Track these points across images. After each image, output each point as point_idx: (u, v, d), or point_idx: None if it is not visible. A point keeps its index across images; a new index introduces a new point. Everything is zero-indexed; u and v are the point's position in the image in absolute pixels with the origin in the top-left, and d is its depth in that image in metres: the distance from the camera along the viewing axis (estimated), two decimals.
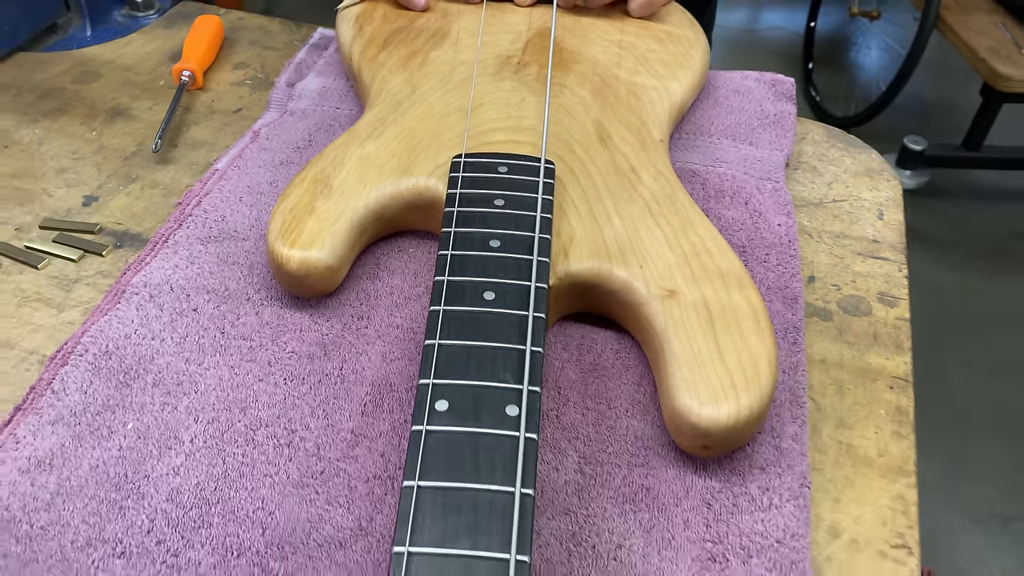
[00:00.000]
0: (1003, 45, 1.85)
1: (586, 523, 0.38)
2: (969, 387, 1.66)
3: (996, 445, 1.55)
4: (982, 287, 1.87)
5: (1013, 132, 2.07)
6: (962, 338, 1.74)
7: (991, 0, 1.98)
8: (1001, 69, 1.79)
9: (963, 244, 1.98)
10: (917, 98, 2.37)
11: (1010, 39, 1.87)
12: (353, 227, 0.48)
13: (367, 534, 0.37)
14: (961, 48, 1.90)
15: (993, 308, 1.82)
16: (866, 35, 2.56)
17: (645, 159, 0.52)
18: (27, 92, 0.66)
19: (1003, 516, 1.46)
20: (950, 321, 1.77)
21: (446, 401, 0.36)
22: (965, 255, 1.95)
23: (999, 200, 2.12)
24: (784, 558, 0.37)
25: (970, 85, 1.96)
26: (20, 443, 0.40)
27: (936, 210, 2.06)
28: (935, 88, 2.47)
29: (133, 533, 0.37)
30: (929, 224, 2.01)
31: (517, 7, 0.67)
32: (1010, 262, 1.95)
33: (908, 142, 1.95)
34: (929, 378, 1.63)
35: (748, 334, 0.42)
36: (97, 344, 0.45)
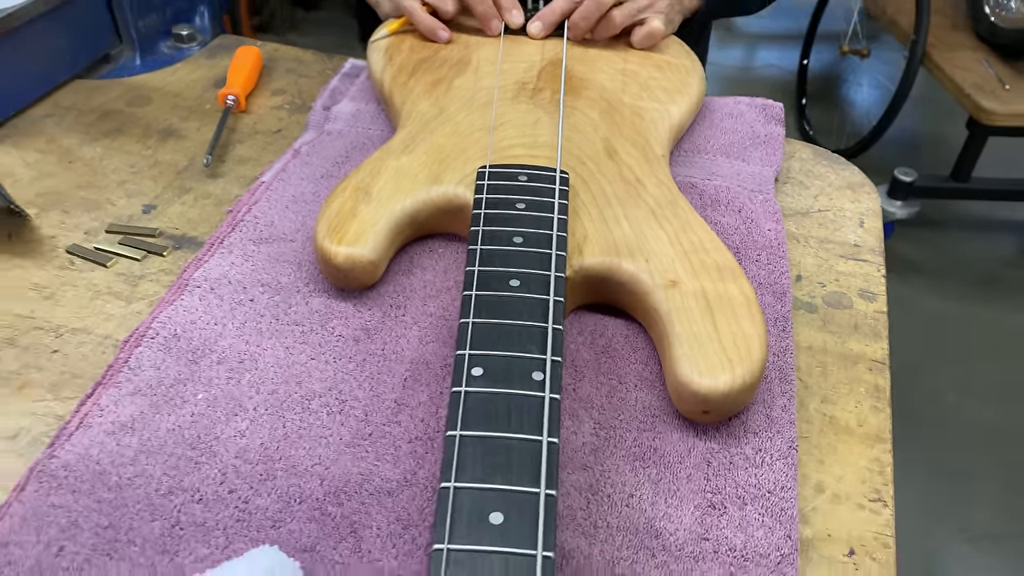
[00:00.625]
0: (987, 81, 1.93)
1: (602, 476, 0.44)
2: (962, 410, 1.71)
3: (989, 466, 1.60)
4: (974, 314, 1.93)
5: (1000, 164, 2.15)
6: (955, 363, 1.79)
7: (975, 38, 2.07)
8: (985, 104, 1.87)
9: (954, 273, 2.04)
10: (907, 132, 2.45)
11: (994, 75, 1.95)
12: (390, 228, 0.54)
13: (412, 485, 0.43)
14: (947, 84, 1.98)
15: (985, 334, 1.88)
16: (857, 72, 2.66)
17: (648, 171, 0.59)
18: (87, 114, 0.72)
19: (995, 535, 1.50)
20: (943, 347, 1.82)
21: (481, 368, 0.42)
22: (956, 283, 2.01)
23: (988, 230, 2.19)
24: (775, 506, 0.42)
25: (957, 120, 2.04)
26: (104, 411, 0.46)
27: (927, 240, 2.12)
28: (924, 123, 2.55)
29: (208, 484, 0.43)
30: (920, 253, 2.08)
31: (531, 39, 0.74)
32: (1000, 290, 2.01)
33: (898, 174, 2.02)
34: (924, 401, 1.68)
35: (741, 318, 0.48)
36: (166, 328, 0.50)
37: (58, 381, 0.49)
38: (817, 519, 0.44)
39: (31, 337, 0.52)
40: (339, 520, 0.41)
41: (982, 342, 1.86)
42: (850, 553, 0.42)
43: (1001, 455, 1.62)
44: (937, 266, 2.05)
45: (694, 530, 0.41)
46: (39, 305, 0.54)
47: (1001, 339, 1.86)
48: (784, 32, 2.96)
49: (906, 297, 2.07)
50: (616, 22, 0.72)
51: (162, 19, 0.82)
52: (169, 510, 0.41)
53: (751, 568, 0.40)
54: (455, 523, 0.35)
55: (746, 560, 0.40)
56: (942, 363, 1.78)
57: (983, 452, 1.62)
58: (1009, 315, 1.92)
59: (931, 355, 1.80)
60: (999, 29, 2.00)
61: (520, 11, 0.74)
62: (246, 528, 0.41)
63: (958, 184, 2.06)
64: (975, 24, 2.08)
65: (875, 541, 0.43)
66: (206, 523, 0.41)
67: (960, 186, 2.06)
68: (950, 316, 1.92)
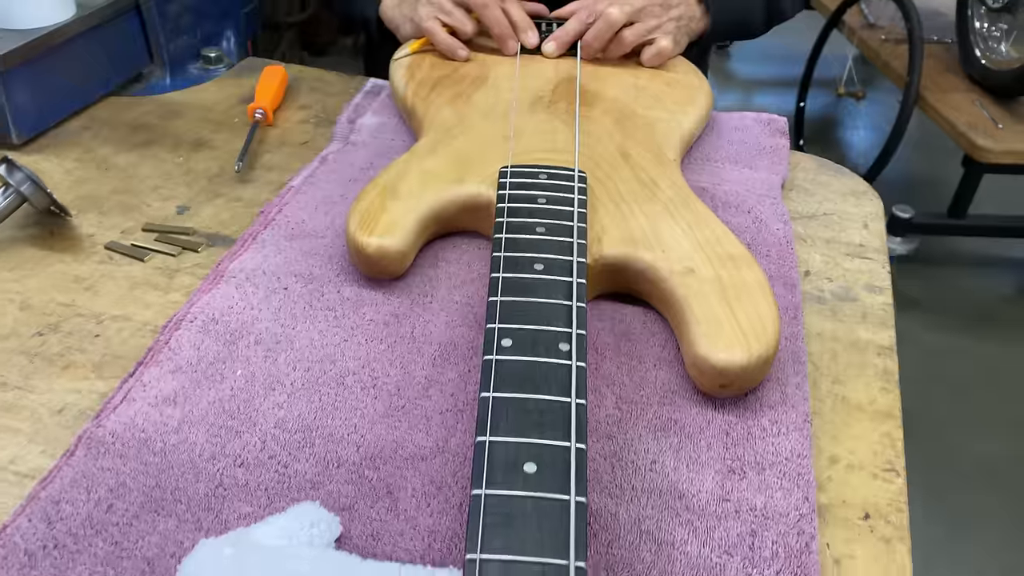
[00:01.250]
0: (981, 120, 1.99)
1: (625, 444, 0.46)
2: (963, 443, 1.72)
3: (991, 498, 1.60)
4: (972, 349, 1.95)
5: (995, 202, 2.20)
6: (955, 397, 1.81)
7: (967, 80, 2.13)
8: (980, 142, 1.92)
9: (953, 308, 2.07)
10: (903, 173, 2.50)
11: (987, 116, 2.00)
12: (417, 223, 0.57)
13: (444, 451, 0.45)
14: (942, 124, 2.03)
15: (984, 369, 1.90)
16: (853, 115, 2.72)
17: (662, 172, 0.62)
18: (121, 127, 0.76)
19: (1001, 566, 1.50)
20: (943, 381, 1.84)
21: (510, 339, 0.44)
22: (955, 318, 2.04)
23: (985, 266, 2.22)
24: (792, 471, 0.44)
25: (952, 161, 2.08)
26: (146, 387, 0.48)
27: (926, 276, 2.16)
28: (920, 164, 2.60)
29: (249, 450, 0.44)
30: (919, 289, 2.11)
31: (546, 59, 0.78)
32: (998, 326, 2.04)
33: (896, 210, 2.06)
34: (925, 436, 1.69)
35: (756, 301, 0.50)
36: (204, 313, 0.53)
37: (100, 362, 0.51)
38: (832, 487, 0.45)
39: (73, 323, 0.54)
40: (375, 482, 0.43)
41: (981, 375, 1.88)
42: (865, 517, 0.44)
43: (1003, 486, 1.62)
44: (936, 302, 2.08)
45: (715, 492, 0.43)
46: (80, 295, 0.56)
47: (1001, 374, 1.88)
48: (780, 78, 3.04)
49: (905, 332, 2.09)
50: (627, 41, 0.76)
51: (192, 42, 0.86)
52: (212, 473, 0.43)
53: (771, 526, 0.41)
54: (491, 472, 0.37)
55: (767, 519, 0.42)
56: (942, 396, 1.80)
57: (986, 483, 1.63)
58: (1008, 350, 1.94)
59: (932, 389, 1.81)
60: (990, 72, 2.06)
61: (535, 32, 0.78)
62: (286, 489, 0.43)
63: (955, 221, 2.10)
64: (967, 67, 2.14)
65: (889, 507, 0.44)
66: (248, 484, 0.43)
67: (957, 222, 2.10)
68: (950, 351, 1.94)
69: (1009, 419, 1.76)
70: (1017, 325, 2.02)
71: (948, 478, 1.62)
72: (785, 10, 0.92)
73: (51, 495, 0.42)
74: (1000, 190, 2.15)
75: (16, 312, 0.55)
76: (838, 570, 0.41)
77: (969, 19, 2.15)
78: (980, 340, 1.98)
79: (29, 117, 0.72)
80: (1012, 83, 2.01)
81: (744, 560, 0.40)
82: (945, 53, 2.26)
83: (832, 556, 0.42)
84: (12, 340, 0.53)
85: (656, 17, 0.78)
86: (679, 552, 0.40)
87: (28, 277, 0.58)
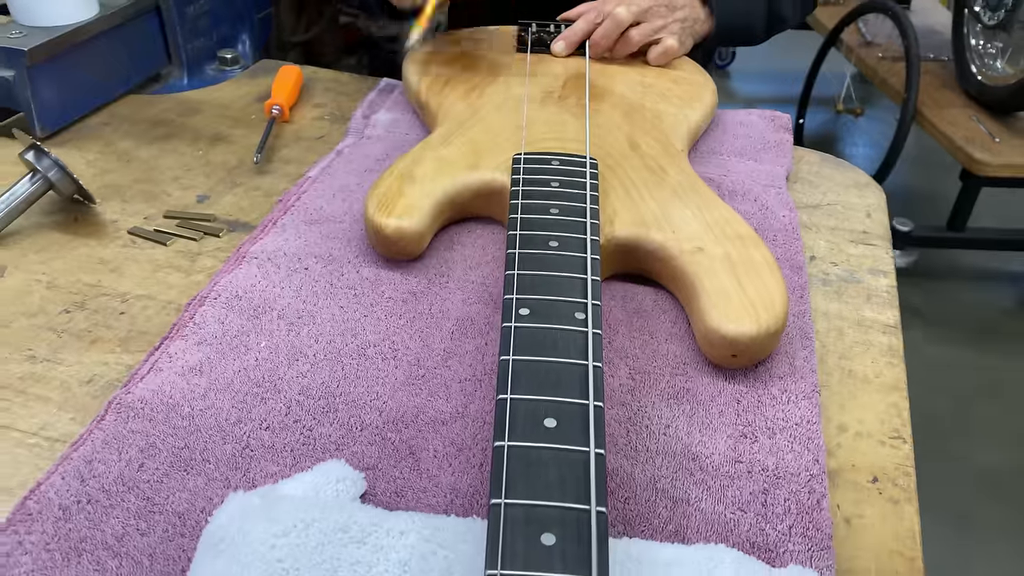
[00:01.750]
0: (978, 135, 2.01)
1: (639, 411, 0.47)
2: (967, 455, 1.72)
3: (994, 509, 1.61)
4: (975, 361, 1.97)
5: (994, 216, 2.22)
6: (958, 409, 1.82)
7: (964, 96, 2.16)
8: (977, 155, 1.94)
9: (954, 321, 2.08)
10: (902, 188, 2.53)
11: (984, 130, 2.03)
12: (433, 207, 0.58)
13: (463, 417, 0.46)
14: (940, 139, 2.06)
15: (986, 380, 1.91)
16: (851, 131, 2.75)
17: (670, 161, 0.64)
18: (141, 123, 0.77)
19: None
20: (945, 392, 1.85)
21: (528, 308, 0.46)
22: (957, 331, 2.05)
23: (985, 280, 2.24)
24: (802, 435, 0.46)
25: (950, 176, 2.11)
26: (172, 358, 0.49)
27: (926, 289, 2.17)
28: (918, 180, 2.63)
29: (274, 415, 0.46)
30: (920, 302, 2.12)
31: (555, 58, 0.80)
32: (1000, 338, 2.05)
33: (896, 224, 2.08)
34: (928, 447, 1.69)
35: (764, 277, 0.52)
36: (228, 291, 0.54)
37: (126, 337, 0.53)
38: (841, 453, 0.47)
39: (99, 302, 0.56)
40: (398, 444, 0.44)
41: (984, 387, 1.89)
42: (874, 480, 0.45)
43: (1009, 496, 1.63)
44: (937, 314, 2.09)
45: (728, 455, 0.44)
46: (105, 276, 0.58)
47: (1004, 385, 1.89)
48: (779, 96, 3.07)
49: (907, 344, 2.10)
50: (633, 40, 0.78)
51: (209, 43, 0.88)
52: (239, 435, 0.44)
53: (783, 485, 0.43)
54: (513, 426, 0.38)
55: (778, 478, 0.43)
56: (946, 408, 1.81)
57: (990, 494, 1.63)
58: (1010, 362, 1.96)
59: (935, 401, 1.82)
60: (987, 88, 2.10)
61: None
62: (311, 450, 0.44)
63: (954, 234, 2.12)
64: (963, 83, 2.18)
65: (897, 471, 0.46)
66: (274, 446, 0.44)
67: (956, 235, 2.12)
68: (952, 363, 1.95)
69: (1012, 431, 1.77)
70: (1019, 338, 2.03)
71: (951, 490, 1.63)
72: (786, 17, 0.94)
73: (83, 455, 0.43)
74: (998, 204, 2.17)
75: (43, 291, 0.56)
76: (849, 529, 0.43)
77: (965, 36, 2.18)
78: (982, 352, 1.99)
79: (53, 112, 0.74)
80: (1008, 99, 2.04)
81: (757, 516, 0.41)
82: (941, 70, 2.30)
83: (843, 516, 0.43)
84: (40, 317, 0.54)
85: (662, 18, 0.80)
86: (694, 509, 0.42)
87: (54, 259, 0.59)
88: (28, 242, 0.61)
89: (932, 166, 2.61)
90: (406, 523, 0.37)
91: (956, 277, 2.25)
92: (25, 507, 0.40)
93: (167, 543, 0.39)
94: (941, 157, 2.13)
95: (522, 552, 0.33)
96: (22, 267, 0.59)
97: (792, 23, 0.96)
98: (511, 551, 0.33)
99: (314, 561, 0.35)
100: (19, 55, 0.69)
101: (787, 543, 0.40)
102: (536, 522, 0.34)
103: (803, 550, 0.40)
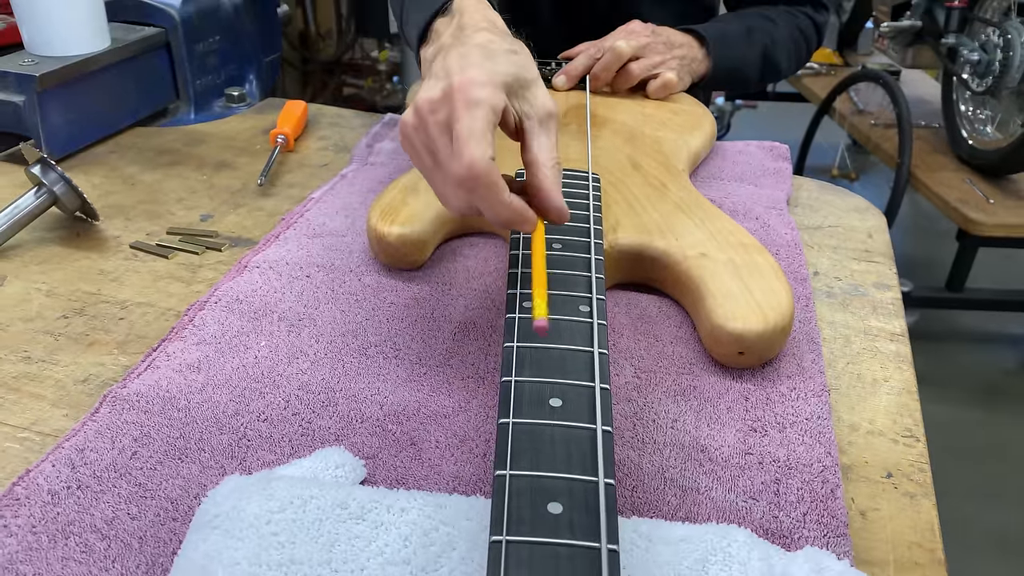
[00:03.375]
0: (972, 196, 2.04)
1: (645, 406, 0.46)
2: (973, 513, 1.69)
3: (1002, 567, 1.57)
4: (981, 420, 1.94)
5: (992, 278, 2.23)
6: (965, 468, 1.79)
7: (957, 160, 2.20)
8: (972, 215, 1.96)
9: (957, 382, 2.07)
10: (900, 252, 2.53)
11: (978, 192, 2.06)
12: (436, 218, 0.58)
13: (465, 411, 0.45)
14: (935, 200, 2.08)
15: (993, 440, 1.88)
16: None
17: (671, 179, 0.64)
18: (146, 151, 0.78)
19: None
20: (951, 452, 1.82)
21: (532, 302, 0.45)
22: (960, 391, 2.03)
23: (985, 341, 2.23)
24: (813, 429, 0.45)
25: (947, 241, 2.13)
26: (171, 357, 0.49)
27: (928, 352, 2.16)
28: (916, 245, 2.65)
29: (272, 408, 0.45)
30: (922, 364, 2.10)
31: (556, 90, 0.81)
32: (1004, 399, 2.03)
33: None
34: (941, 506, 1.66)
35: (769, 279, 0.51)
36: (228, 295, 0.54)
37: (124, 340, 0.52)
38: (854, 451, 0.45)
39: (98, 308, 0.55)
40: (399, 435, 0.43)
41: (991, 448, 1.86)
42: (888, 476, 0.44)
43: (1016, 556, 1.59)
44: (940, 376, 2.08)
45: (738, 447, 0.43)
46: (105, 285, 0.58)
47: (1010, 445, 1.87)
48: None
49: None
50: (633, 73, 0.80)
51: (217, 81, 0.90)
52: (236, 427, 0.43)
53: (795, 475, 0.41)
54: (518, 405, 0.37)
55: (790, 468, 0.42)
56: (951, 467, 1.78)
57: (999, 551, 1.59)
58: (1017, 421, 1.93)
59: (941, 460, 1.79)
60: (978, 151, 2.13)
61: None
62: (310, 440, 0.43)
63: (953, 294, 2.12)
64: (955, 148, 2.21)
65: (911, 467, 0.44)
66: (272, 436, 0.43)
67: (955, 296, 2.12)
68: (957, 423, 1.93)
69: (1019, 489, 1.74)
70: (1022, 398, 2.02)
71: (958, 548, 1.58)
72: (780, 66, 0.95)
73: (75, 444, 0.42)
74: (996, 267, 2.18)
75: (42, 299, 0.56)
76: (864, 522, 0.41)
77: (955, 103, 2.23)
78: (989, 412, 1.97)
79: (60, 137, 0.74)
80: (1000, 162, 2.07)
81: (770, 504, 0.40)
82: (933, 136, 2.34)
83: (858, 508, 0.42)
84: (37, 322, 0.53)
85: (660, 54, 0.82)
86: (704, 497, 0.40)
87: (54, 270, 0.59)
88: (30, 255, 0.61)
89: (929, 233, 2.64)
90: (407, 501, 0.36)
91: (957, 339, 2.25)
92: (13, 492, 0.39)
93: (158, 527, 0.38)
94: (937, 224, 2.16)
95: (528, 519, 0.32)
96: (22, 277, 0.58)
97: (786, 73, 0.97)
98: (517, 518, 0.32)
99: (311, 535, 0.34)
100: (30, 80, 0.71)
101: (802, 529, 0.39)
102: (543, 492, 0.33)
103: (818, 536, 0.38)
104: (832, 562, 0.35)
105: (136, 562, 0.36)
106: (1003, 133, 2.12)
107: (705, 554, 0.34)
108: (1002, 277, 2.32)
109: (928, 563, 0.39)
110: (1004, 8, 2.07)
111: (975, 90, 2.17)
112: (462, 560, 0.34)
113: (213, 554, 0.33)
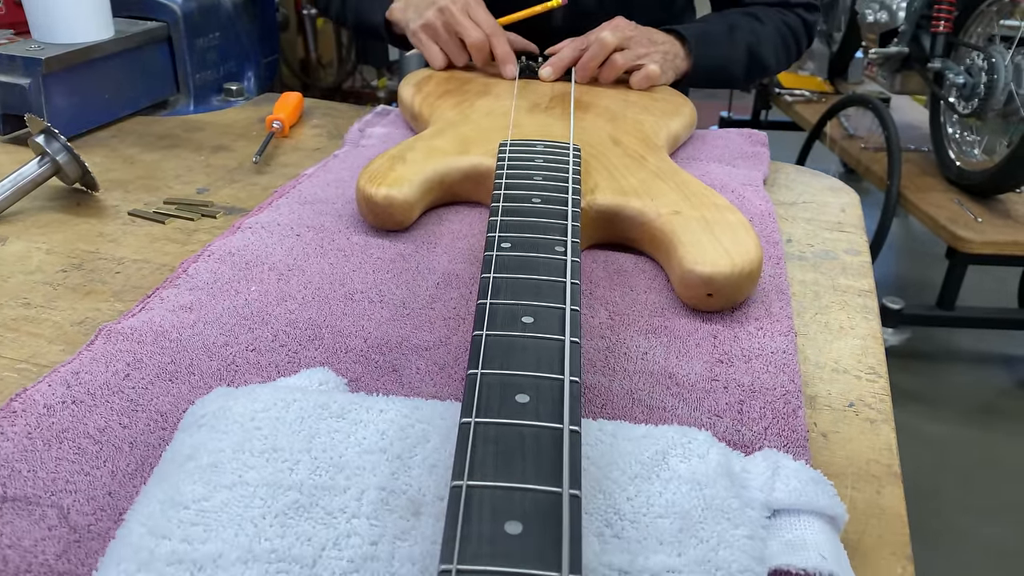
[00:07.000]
0: (961, 215, 2.07)
1: (618, 342, 0.48)
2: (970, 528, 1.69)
3: None
4: (976, 438, 1.95)
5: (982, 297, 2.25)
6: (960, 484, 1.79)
7: (945, 181, 2.23)
8: (961, 233, 1.99)
9: (949, 401, 2.08)
10: (891, 272, 2.57)
11: (967, 211, 2.09)
12: (423, 182, 0.61)
13: (445, 345, 0.47)
14: (924, 220, 2.11)
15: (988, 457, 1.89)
16: None
17: (650, 152, 0.67)
18: (147, 135, 0.81)
19: None
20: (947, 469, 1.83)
21: (509, 242, 0.48)
22: (954, 410, 2.04)
23: (977, 360, 2.25)
24: (778, 361, 0.46)
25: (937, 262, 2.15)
26: (164, 300, 0.51)
27: (920, 371, 2.18)
28: (907, 266, 2.68)
29: (261, 340, 0.47)
30: (915, 383, 2.12)
31: (543, 81, 0.84)
32: (999, 417, 2.04)
33: (887, 302, 2.11)
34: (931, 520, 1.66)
35: (738, 232, 0.54)
36: (222, 250, 0.56)
37: (120, 290, 0.54)
38: (818, 384, 0.47)
39: (95, 264, 0.57)
40: (381, 363, 0.45)
41: (987, 464, 1.87)
42: (850, 405, 0.46)
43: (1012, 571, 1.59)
44: (933, 394, 2.09)
45: (704, 375, 0.45)
46: (103, 245, 0.60)
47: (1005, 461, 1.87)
48: None
49: (906, 423, 2.09)
50: (618, 64, 0.83)
51: (216, 76, 0.93)
52: (226, 355, 0.45)
53: (759, 397, 0.43)
54: (492, 320, 0.39)
55: (754, 392, 0.44)
56: (947, 484, 1.78)
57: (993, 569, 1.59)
58: (1012, 439, 1.94)
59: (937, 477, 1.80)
60: (966, 172, 2.17)
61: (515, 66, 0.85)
62: (296, 368, 0.45)
63: (944, 312, 2.14)
64: (944, 170, 2.25)
65: (873, 398, 0.46)
66: (260, 363, 0.45)
67: (946, 314, 2.14)
68: (952, 441, 1.93)
69: (1015, 503, 1.74)
70: (1017, 416, 2.03)
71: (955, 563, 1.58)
72: (768, 64, 0.98)
73: (71, 368, 0.44)
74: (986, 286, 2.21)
75: (42, 256, 0.58)
76: (826, 442, 0.43)
77: (942, 126, 2.28)
78: (984, 431, 1.98)
79: (63, 119, 0.77)
80: (987, 182, 2.11)
81: (734, 421, 0.42)
82: (922, 159, 2.38)
83: (820, 431, 0.43)
84: (37, 275, 0.56)
85: (644, 46, 0.85)
86: (670, 415, 0.42)
87: (55, 233, 0.61)
88: (31, 220, 0.63)
89: (921, 255, 2.67)
90: (385, 403, 0.38)
91: (950, 359, 2.26)
92: (10, 407, 0.41)
93: (148, 434, 0.39)
94: (929, 247, 2.18)
95: (496, 407, 0.33)
96: (23, 238, 0.60)
97: (776, 70, 1.00)
98: (486, 406, 0.33)
99: (293, 430, 0.36)
100: (36, 64, 0.74)
101: (763, 441, 0.40)
102: (512, 386, 0.35)
103: (778, 447, 0.40)
104: (788, 461, 0.36)
105: (126, 462, 0.38)
106: (990, 154, 2.16)
107: (666, 447, 0.36)
108: (992, 297, 2.34)
109: (884, 475, 0.41)
110: (988, 34, 2.13)
111: (962, 112, 2.21)
112: (435, 450, 0.35)
113: (199, 444, 0.35)
